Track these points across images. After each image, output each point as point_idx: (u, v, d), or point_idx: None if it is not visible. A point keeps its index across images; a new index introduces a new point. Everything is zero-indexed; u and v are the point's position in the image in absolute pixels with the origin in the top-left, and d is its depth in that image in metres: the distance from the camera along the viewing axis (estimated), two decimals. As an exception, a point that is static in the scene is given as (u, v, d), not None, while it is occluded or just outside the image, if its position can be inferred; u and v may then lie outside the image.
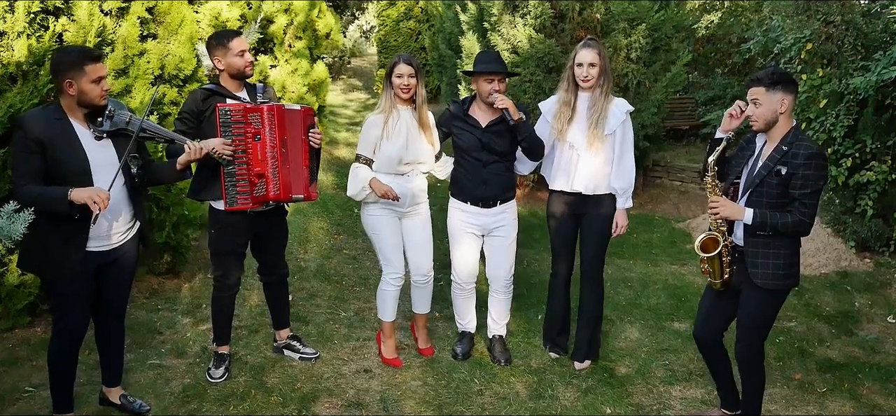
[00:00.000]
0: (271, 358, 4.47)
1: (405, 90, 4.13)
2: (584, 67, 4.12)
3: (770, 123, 3.37)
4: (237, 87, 4.02)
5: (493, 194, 4.28)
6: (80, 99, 3.29)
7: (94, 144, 3.36)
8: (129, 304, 4.97)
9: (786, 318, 5.39)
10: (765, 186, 3.38)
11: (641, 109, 7.97)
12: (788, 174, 3.29)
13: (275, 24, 8.71)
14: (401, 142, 4.14)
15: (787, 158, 3.30)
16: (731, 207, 3.40)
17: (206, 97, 3.92)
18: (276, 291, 4.45)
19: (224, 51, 3.94)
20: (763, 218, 3.32)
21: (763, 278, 3.42)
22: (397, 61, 4.16)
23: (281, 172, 3.83)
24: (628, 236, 7.39)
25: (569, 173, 4.28)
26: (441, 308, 5.13)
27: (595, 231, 4.35)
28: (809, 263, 6.51)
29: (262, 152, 3.79)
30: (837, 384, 4.43)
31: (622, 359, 4.68)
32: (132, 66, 4.88)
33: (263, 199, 3.85)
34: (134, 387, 4.04)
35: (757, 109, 3.37)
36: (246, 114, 3.80)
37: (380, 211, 4.28)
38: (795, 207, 3.30)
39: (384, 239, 4.31)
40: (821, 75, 6.63)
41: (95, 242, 3.39)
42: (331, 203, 7.69)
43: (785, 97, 3.32)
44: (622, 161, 4.24)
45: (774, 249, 3.39)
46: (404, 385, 4.25)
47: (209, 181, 3.94)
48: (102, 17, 4.72)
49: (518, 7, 7.96)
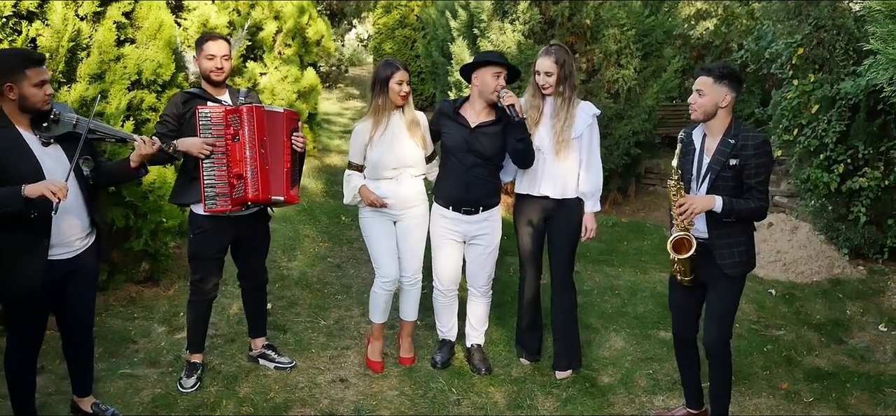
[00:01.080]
0: (245, 367, 4.39)
1: (404, 97, 4.11)
2: (541, 76, 4.12)
3: (709, 114, 3.43)
4: (217, 91, 3.96)
5: (475, 199, 4.20)
6: (21, 104, 3.17)
7: (43, 149, 3.26)
8: (104, 313, 4.94)
9: (774, 326, 5.29)
10: (719, 180, 3.44)
11: (632, 116, 7.89)
12: (740, 165, 3.38)
13: (264, 31, 8.67)
14: (385, 148, 4.10)
15: (736, 150, 3.38)
16: (700, 201, 3.41)
17: (186, 100, 3.88)
18: (255, 297, 4.38)
19: (198, 51, 3.91)
20: (730, 204, 3.40)
21: (733, 267, 3.50)
22: (396, 68, 4.10)
23: (260, 172, 3.77)
24: (618, 244, 7.30)
25: (536, 177, 4.22)
26: (422, 317, 5.02)
27: (563, 236, 4.30)
28: (801, 270, 6.41)
29: (240, 153, 3.74)
30: (825, 393, 4.33)
31: (605, 368, 4.58)
32: (108, 71, 4.81)
33: (242, 200, 3.79)
34: (103, 396, 3.95)
35: (700, 98, 3.42)
36: (226, 116, 3.76)
37: (373, 215, 4.25)
38: (753, 194, 3.41)
39: (376, 244, 4.28)
40: (812, 80, 6.55)
41: (58, 249, 3.30)
42: (318, 211, 7.61)
43: (729, 93, 3.40)
44: (591, 165, 4.22)
45: (736, 238, 3.50)
46: (380, 395, 4.16)
47: (189, 185, 3.88)
48: (78, 22, 4.66)
49: (508, 13, 7.90)
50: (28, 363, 3.42)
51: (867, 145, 6.28)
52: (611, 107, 7.77)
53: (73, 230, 3.35)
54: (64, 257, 3.34)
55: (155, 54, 5.13)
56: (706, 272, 3.57)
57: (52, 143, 3.28)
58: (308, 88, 9.23)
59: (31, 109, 3.20)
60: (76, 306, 3.54)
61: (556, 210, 4.25)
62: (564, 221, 4.26)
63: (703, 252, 3.53)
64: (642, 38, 7.86)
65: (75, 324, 3.60)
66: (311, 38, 9.48)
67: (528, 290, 4.49)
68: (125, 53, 4.96)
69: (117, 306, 5.12)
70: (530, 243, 4.38)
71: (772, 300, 5.80)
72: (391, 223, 4.28)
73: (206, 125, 3.73)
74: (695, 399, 3.96)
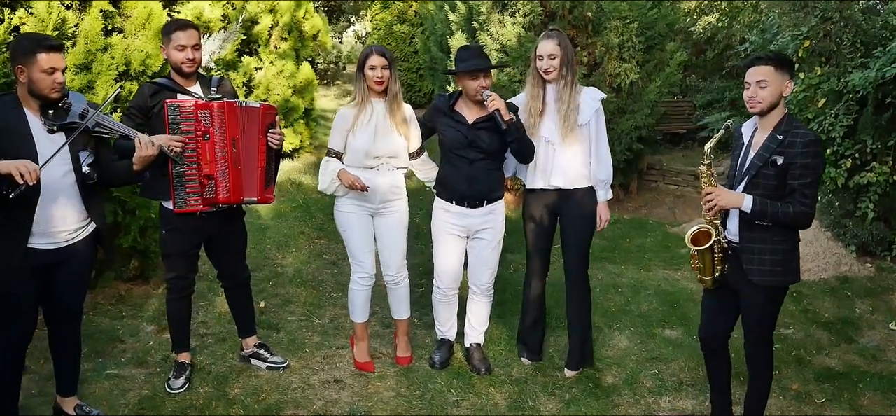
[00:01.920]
0: (237, 367, 4.23)
1: (378, 83, 3.92)
2: (545, 59, 3.95)
3: (773, 105, 3.19)
4: (187, 82, 3.78)
5: (480, 193, 4.04)
6: (30, 88, 3.11)
7: (47, 137, 3.16)
8: (92, 311, 4.78)
9: (783, 325, 5.13)
10: (760, 177, 3.20)
11: (635, 110, 7.74)
12: (785, 164, 3.12)
13: (259, 25, 8.51)
14: (368, 135, 3.94)
15: (782, 147, 3.13)
16: (728, 195, 3.20)
17: (155, 92, 3.69)
18: (238, 296, 4.22)
19: (167, 41, 3.71)
20: (763, 206, 3.13)
21: (760, 275, 3.23)
22: (370, 52, 3.94)
23: (231, 173, 3.61)
24: (621, 241, 7.15)
25: (546, 169, 4.08)
26: (420, 315, 4.88)
27: (577, 229, 4.15)
28: (808, 267, 6.26)
29: (210, 153, 3.58)
30: (836, 394, 4.18)
31: (609, 368, 4.43)
32: (95, 61, 4.65)
33: (213, 201, 3.63)
34: (88, 398, 3.79)
35: (762, 90, 3.16)
36: (196, 110, 3.57)
37: (350, 207, 4.07)
38: (795, 197, 3.12)
39: (353, 238, 4.11)
40: (819, 74, 6.39)
41: (40, 238, 3.17)
42: (314, 207, 7.46)
43: (789, 81, 3.18)
44: (600, 151, 4.08)
45: (772, 244, 3.21)
46: (376, 396, 4.00)
47: (159, 180, 3.69)
48: (63, 10, 4.50)
49: (507, 5, 7.76)
50: (12, 363, 3.27)
51: (875, 140, 6.11)
52: (613, 101, 7.62)
53: (63, 221, 3.23)
54: (48, 247, 3.21)
55: (144, 44, 4.97)
56: (736, 278, 3.35)
57: (56, 131, 3.18)
58: (304, 83, 9.07)
59: (38, 94, 3.12)
60: (63, 299, 3.41)
61: (566, 202, 4.11)
62: (577, 212, 4.12)
63: (733, 257, 3.35)
64: (645, 32, 7.71)
65: (62, 318, 3.47)
66: (307, 33, 9.32)
67: (534, 287, 4.34)
68: (112, 43, 4.80)
69: (105, 305, 4.96)
70: (540, 239, 4.23)
71: (779, 298, 5.65)
72: (368, 217, 4.12)
73: (174, 119, 3.53)
74: (723, 410, 3.71)
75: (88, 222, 3.37)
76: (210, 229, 3.87)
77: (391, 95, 3.99)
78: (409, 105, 4.13)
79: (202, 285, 5.11)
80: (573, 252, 4.18)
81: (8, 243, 3.08)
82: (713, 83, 11.94)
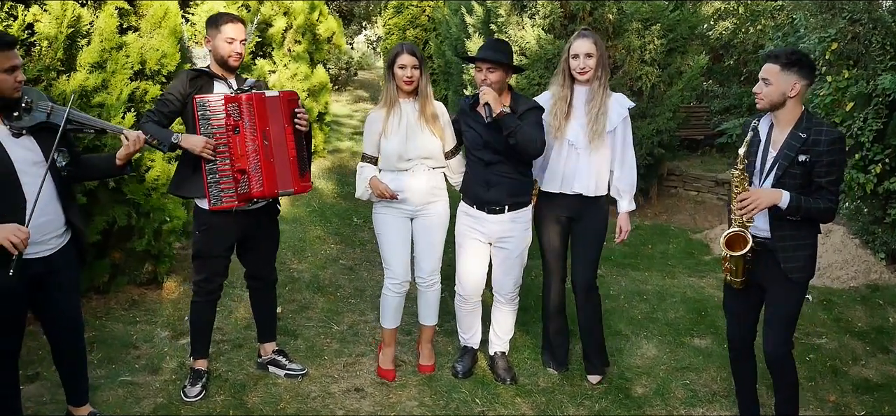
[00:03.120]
0: (254, 375, 4.10)
1: (408, 82, 3.80)
2: (581, 59, 3.78)
3: (776, 104, 3.17)
4: (225, 74, 3.68)
5: (498, 199, 3.89)
6: None
7: (14, 141, 2.96)
8: (105, 316, 4.67)
9: (815, 334, 4.97)
10: (787, 176, 3.15)
11: (656, 114, 7.58)
12: (811, 162, 3.10)
13: (274, 27, 8.42)
14: (400, 137, 3.81)
15: (807, 145, 3.10)
16: (767, 195, 3.10)
17: (194, 78, 3.60)
18: (263, 298, 4.10)
19: (215, 32, 3.61)
20: (798, 202, 3.09)
21: (798, 272, 3.23)
22: (400, 51, 3.82)
23: (264, 166, 3.50)
24: (642, 247, 7.00)
25: (567, 174, 3.92)
26: (442, 322, 4.74)
27: (591, 235, 4.01)
28: (838, 275, 6.10)
29: (241, 147, 3.46)
30: (877, 406, 4.02)
31: (639, 378, 4.27)
32: (110, 59, 4.54)
33: (248, 196, 3.52)
34: (101, 405, 3.68)
35: (766, 87, 3.15)
36: (225, 104, 3.47)
37: (387, 210, 3.96)
38: (823, 194, 3.12)
39: (386, 241, 3.99)
40: (847, 76, 6.24)
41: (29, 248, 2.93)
42: (329, 212, 7.33)
43: (798, 82, 3.11)
44: (624, 160, 3.94)
45: (803, 240, 3.22)
46: (398, 406, 3.86)
47: (191, 176, 3.60)
48: (78, 8, 4.39)
49: (526, 7, 7.62)
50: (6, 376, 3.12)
51: (906, 144, 5.96)
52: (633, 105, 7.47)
53: (45, 229, 3.05)
54: (36, 256, 3.02)
55: (159, 43, 4.86)
56: (765, 275, 3.29)
57: (25, 134, 2.99)
58: (318, 86, 8.97)
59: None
60: (58, 311, 3.25)
61: (584, 208, 3.96)
62: (592, 219, 3.98)
63: (762, 253, 3.26)
64: (667, 34, 7.56)
65: (61, 330, 3.32)
66: (321, 36, 9.22)
67: (555, 295, 4.19)
68: (128, 42, 4.69)
69: (118, 310, 4.84)
70: (557, 245, 4.09)
71: (809, 307, 5.47)
72: (407, 220, 3.99)
73: (204, 115, 3.45)
74: (749, 409, 3.66)
75: (68, 228, 3.20)
76: (244, 229, 3.76)
77: (422, 94, 3.86)
78: (441, 104, 4.00)
79: (218, 291, 4.99)
80: (582, 260, 4.03)
81: None
82: (731, 89, 11.77)
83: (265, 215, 3.83)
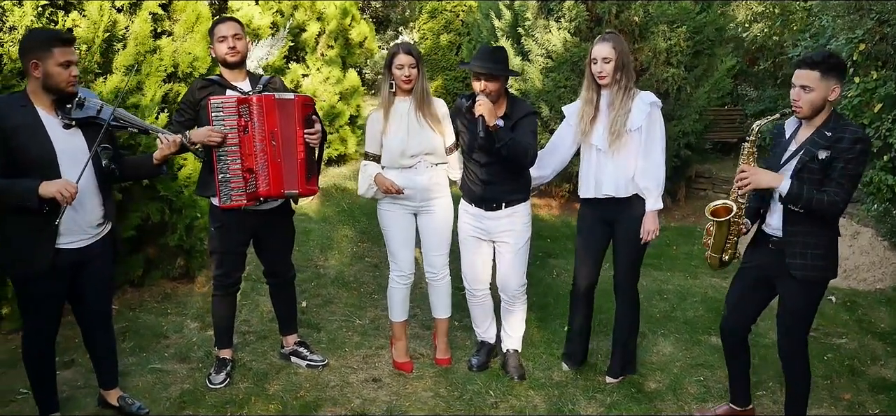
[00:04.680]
0: (277, 365, 4.26)
1: (406, 80, 3.90)
2: (598, 63, 3.83)
3: (817, 110, 3.14)
4: (236, 76, 3.83)
5: (494, 197, 3.98)
6: (45, 82, 3.09)
7: (62, 133, 3.16)
8: (138, 308, 4.87)
9: (835, 334, 4.96)
10: (805, 171, 3.15)
11: (682, 116, 7.59)
12: (830, 159, 3.09)
13: (306, 32, 8.62)
14: (401, 134, 3.93)
15: (830, 142, 3.09)
16: (766, 176, 3.17)
17: (203, 87, 3.77)
18: (282, 294, 4.25)
19: (211, 37, 3.80)
20: (799, 189, 3.10)
21: (802, 270, 3.23)
22: (397, 51, 3.93)
23: (271, 166, 3.64)
24: (667, 248, 7.02)
25: (596, 178, 3.95)
26: (460, 318, 4.85)
27: (627, 239, 3.99)
28: (864, 277, 6.06)
29: (250, 146, 3.61)
30: (892, 405, 4.01)
31: (653, 373, 4.33)
32: (144, 62, 4.75)
33: (255, 195, 3.67)
34: (131, 390, 3.85)
35: (806, 94, 3.12)
36: (237, 106, 3.62)
37: (392, 206, 4.08)
38: (830, 187, 3.09)
39: (392, 236, 4.11)
40: (875, 78, 6.18)
41: (66, 237, 3.19)
42: (358, 212, 7.49)
43: (837, 85, 3.09)
44: (649, 156, 3.86)
45: (814, 238, 3.21)
46: (414, 396, 3.98)
47: (208, 177, 3.78)
48: (114, 13, 4.62)
49: (553, 11, 7.70)
50: (42, 356, 3.34)
51: (935, 146, 5.89)
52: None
53: (84, 219, 3.25)
54: (73, 246, 3.23)
55: (191, 47, 5.07)
56: (776, 273, 3.33)
57: (74, 126, 3.19)
58: (350, 90, 9.15)
59: (54, 88, 3.11)
60: (89, 299, 3.44)
61: (621, 211, 3.96)
62: (630, 223, 3.95)
63: (774, 252, 3.33)
64: (693, 36, 7.57)
65: (91, 317, 3.51)
66: (353, 40, 9.40)
67: (584, 297, 4.21)
68: (161, 46, 4.91)
69: (151, 302, 5.05)
70: (589, 250, 4.11)
71: (832, 308, 5.46)
72: (411, 215, 4.11)
73: (218, 117, 3.59)
74: (740, 396, 3.75)
75: (105, 221, 3.39)
76: (258, 227, 3.91)
77: (418, 92, 3.95)
78: (442, 102, 4.11)
79: (246, 286, 5.17)
80: (623, 263, 4.05)
81: (39, 244, 3.10)
82: (765, 92, 11.67)
83: (278, 213, 3.96)
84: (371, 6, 17.99)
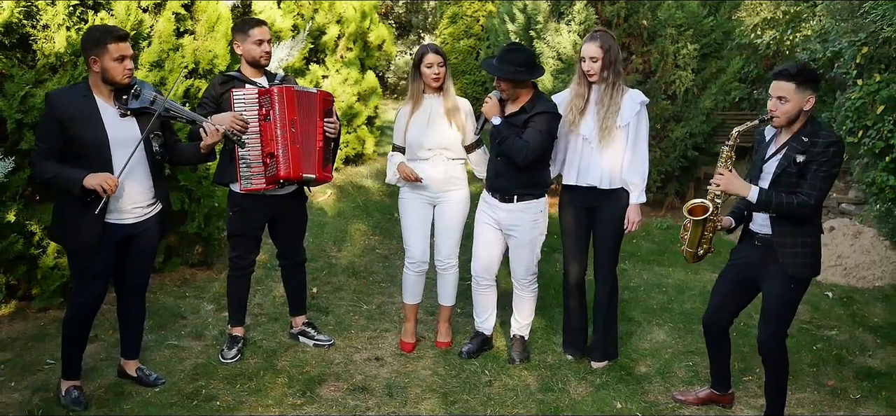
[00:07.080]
0: (285, 343, 4.52)
1: (436, 79, 4.18)
2: (586, 61, 4.07)
3: (793, 120, 3.34)
4: (255, 74, 4.13)
5: (506, 188, 4.19)
6: (103, 76, 3.45)
7: (117, 121, 3.51)
8: (159, 291, 5.16)
9: (827, 326, 5.11)
10: (784, 176, 3.34)
11: (689, 118, 7.76)
12: (806, 161, 3.27)
13: (327, 35, 8.89)
14: (421, 127, 4.21)
15: (805, 147, 3.28)
16: (737, 182, 3.37)
17: (224, 82, 4.06)
18: (293, 276, 4.51)
19: (244, 37, 4.07)
20: (768, 197, 3.29)
21: (794, 268, 3.40)
22: (426, 51, 4.22)
23: (291, 150, 3.90)
24: (672, 245, 7.16)
25: (581, 167, 4.17)
26: (465, 304, 5.07)
27: (609, 227, 4.21)
28: (863, 275, 6.17)
29: (271, 132, 3.88)
30: (874, 391, 4.16)
31: (643, 358, 4.52)
32: (167, 59, 5.06)
33: (275, 178, 3.93)
34: (149, 363, 4.13)
35: (782, 105, 3.31)
36: (259, 97, 3.90)
37: (410, 195, 4.37)
38: (802, 188, 3.27)
39: (407, 223, 4.40)
40: (878, 80, 6.30)
41: (115, 214, 3.53)
42: (372, 208, 7.75)
43: (812, 96, 3.29)
44: (635, 152, 4.11)
45: (802, 237, 3.38)
46: (413, 374, 4.22)
47: (227, 164, 4.07)
48: (140, 13, 4.92)
49: (563, 14, 7.91)
50: (81, 324, 3.66)
51: (936, 147, 5.99)
52: (668, 108, 7.67)
53: (134, 199, 3.58)
54: (122, 222, 3.57)
55: (212, 45, 5.37)
56: (762, 271, 3.51)
57: (129, 115, 3.53)
58: (368, 91, 9.42)
59: (111, 81, 3.47)
60: (132, 271, 3.78)
61: (602, 201, 4.18)
62: (610, 212, 4.18)
63: (761, 249, 3.51)
64: (700, 39, 7.73)
65: (130, 289, 3.84)
66: (372, 43, 9.67)
67: (575, 288, 4.40)
68: (183, 44, 5.21)
69: (171, 286, 5.35)
70: (575, 237, 4.31)
71: (827, 303, 5.60)
72: (429, 206, 4.37)
73: (240, 107, 3.90)
74: (720, 382, 3.93)
75: (156, 201, 3.73)
76: (273, 211, 4.20)
77: (445, 90, 4.26)
78: (466, 101, 4.36)
79: (261, 273, 5.46)
80: (603, 251, 4.26)
81: (87, 220, 3.42)
82: (781, 97, 11.71)
83: (292, 198, 4.25)
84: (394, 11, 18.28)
